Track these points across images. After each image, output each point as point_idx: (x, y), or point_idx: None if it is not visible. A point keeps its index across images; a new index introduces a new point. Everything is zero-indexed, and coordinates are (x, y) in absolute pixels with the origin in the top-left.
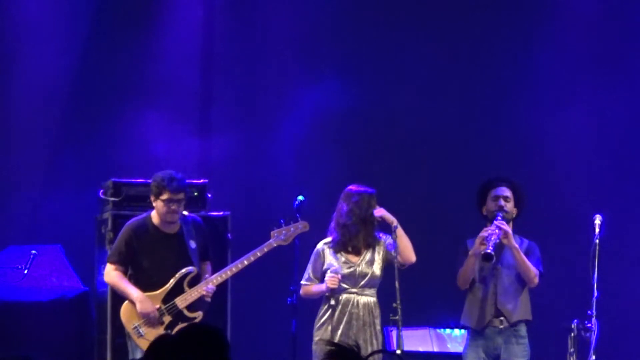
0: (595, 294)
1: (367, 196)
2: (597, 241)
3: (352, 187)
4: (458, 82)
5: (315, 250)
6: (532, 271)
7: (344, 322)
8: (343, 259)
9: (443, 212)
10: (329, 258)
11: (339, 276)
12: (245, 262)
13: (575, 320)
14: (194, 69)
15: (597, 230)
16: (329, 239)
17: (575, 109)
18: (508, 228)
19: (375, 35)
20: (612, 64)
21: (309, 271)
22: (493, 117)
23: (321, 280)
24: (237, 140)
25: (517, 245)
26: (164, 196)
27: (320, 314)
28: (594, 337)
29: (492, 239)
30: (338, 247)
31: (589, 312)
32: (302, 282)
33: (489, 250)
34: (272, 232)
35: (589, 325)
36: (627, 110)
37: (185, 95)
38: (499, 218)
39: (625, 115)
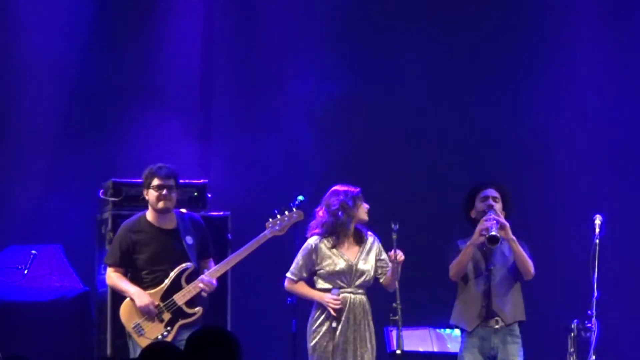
0: (595, 294)
1: (352, 193)
2: (597, 241)
3: (337, 186)
4: (457, 81)
5: (308, 244)
6: (530, 263)
7: (342, 322)
8: (341, 257)
9: (443, 210)
10: (325, 255)
11: (340, 298)
12: (243, 255)
13: (575, 320)
14: (193, 70)
15: (597, 230)
16: (315, 238)
17: (576, 108)
18: (504, 220)
19: (377, 36)
20: (613, 64)
21: (298, 264)
22: (493, 116)
23: (309, 277)
24: (237, 141)
25: (514, 238)
26: (155, 182)
27: (316, 315)
28: (594, 337)
29: (494, 224)
30: (331, 243)
31: (589, 312)
32: (289, 275)
33: (493, 232)
34: (267, 223)
35: (589, 325)
36: (627, 110)
37: (185, 96)
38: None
39: (625, 116)
